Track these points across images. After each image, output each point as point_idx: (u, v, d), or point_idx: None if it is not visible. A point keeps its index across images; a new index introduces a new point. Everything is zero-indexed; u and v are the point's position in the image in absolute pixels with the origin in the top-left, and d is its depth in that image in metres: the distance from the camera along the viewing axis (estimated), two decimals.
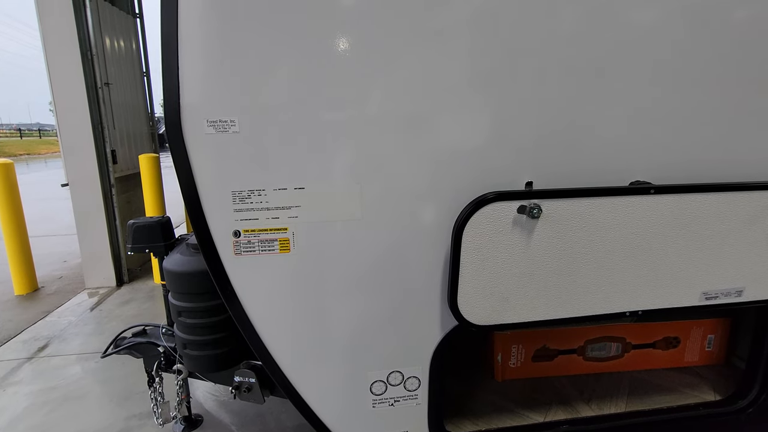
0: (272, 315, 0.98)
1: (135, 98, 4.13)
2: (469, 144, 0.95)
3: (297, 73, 0.87)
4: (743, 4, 0.98)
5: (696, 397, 1.42)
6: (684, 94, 1.01)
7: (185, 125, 0.84)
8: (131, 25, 4.14)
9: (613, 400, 1.39)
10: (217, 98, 0.85)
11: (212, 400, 2.27)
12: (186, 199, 0.87)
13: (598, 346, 1.52)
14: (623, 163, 1.02)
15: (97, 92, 3.37)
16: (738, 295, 1.13)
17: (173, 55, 0.80)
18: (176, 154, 0.85)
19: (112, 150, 3.53)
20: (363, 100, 0.90)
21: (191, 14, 0.80)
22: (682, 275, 1.07)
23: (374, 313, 1.03)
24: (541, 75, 0.94)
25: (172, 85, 0.81)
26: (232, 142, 0.87)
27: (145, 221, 1.66)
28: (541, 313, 1.04)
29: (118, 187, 3.62)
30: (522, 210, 0.94)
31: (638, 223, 1.00)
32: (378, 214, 0.95)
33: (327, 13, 0.85)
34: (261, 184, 0.90)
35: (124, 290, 3.63)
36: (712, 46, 0.99)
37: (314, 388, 1.06)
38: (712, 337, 1.56)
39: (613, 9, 0.94)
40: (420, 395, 1.11)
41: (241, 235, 0.92)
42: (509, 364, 1.49)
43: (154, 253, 1.66)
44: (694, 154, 1.05)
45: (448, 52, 0.90)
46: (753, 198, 1.04)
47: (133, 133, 4.05)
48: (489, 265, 0.97)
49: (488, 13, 0.90)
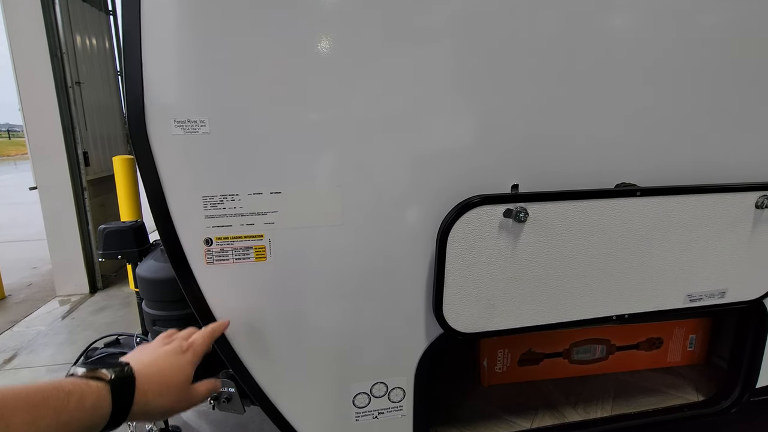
0: (248, 327, 0.93)
1: (108, 98, 3.99)
2: (453, 146, 0.92)
3: (273, 70, 0.82)
4: (728, 9, 0.98)
5: (680, 398, 1.42)
6: (670, 97, 1.00)
7: (150, 126, 0.78)
8: (104, 22, 4.00)
9: (600, 404, 1.38)
10: (186, 97, 0.79)
11: (191, 412, 2.19)
12: (152, 205, 0.81)
13: (583, 348, 1.51)
14: (609, 166, 1.01)
15: (67, 92, 3.24)
16: (721, 296, 1.13)
17: (136, 49, 0.74)
18: (141, 157, 0.79)
19: (84, 152, 3.40)
20: (344, 101, 0.86)
21: (156, 4, 0.74)
22: (667, 277, 1.07)
23: (357, 322, 0.99)
24: (526, 77, 0.92)
25: (136, 83, 0.76)
26: (203, 144, 0.81)
27: (117, 226, 1.59)
28: (528, 319, 1.01)
29: (91, 190, 3.49)
30: (508, 214, 0.91)
31: (625, 226, 0.99)
32: (360, 219, 0.91)
33: (308, 8, 0.81)
34: (234, 188, 0.85)
35: (98, 297, 3.50)
36: (698, 51, 0.99)
37: (294, 403, 1.01)
38: (694, 337, 1.57)
39: (601, 12, 0.92)
40: (405, 406, 1.08)
41: (213, 243, 0.87)
42: (495, 369, 1.47)
43: (127, 260, 1.59)
44: (680, 156, 1.04)
45: (432, 52, 0.87)
46: (736, 200, 1.04)
47: (106, 134, 3.91)
48: (475, 271, 0.94)
49: (473, 14, 0.87)
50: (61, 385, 0.51)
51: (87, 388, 0.53)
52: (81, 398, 0.51)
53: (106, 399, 0.55)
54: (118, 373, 0.58)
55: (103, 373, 0.57)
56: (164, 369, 0.66)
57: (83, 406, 0.51)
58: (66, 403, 0.49)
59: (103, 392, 0.55)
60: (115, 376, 0.58)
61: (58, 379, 0.52)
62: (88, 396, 0.52)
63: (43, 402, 0.47)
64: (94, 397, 0.53)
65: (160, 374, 0.65)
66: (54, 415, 0.48)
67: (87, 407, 0.52)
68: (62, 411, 0.49)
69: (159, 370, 0.65)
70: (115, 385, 0.57)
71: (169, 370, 0.66)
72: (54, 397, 0.49)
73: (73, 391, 0.51)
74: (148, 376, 0.63)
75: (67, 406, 0.49)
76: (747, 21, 0.99)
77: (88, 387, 0.53)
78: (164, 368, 0.66)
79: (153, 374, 0.64)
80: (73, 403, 0.50)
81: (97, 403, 0.54)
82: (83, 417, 0.51)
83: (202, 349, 0.76)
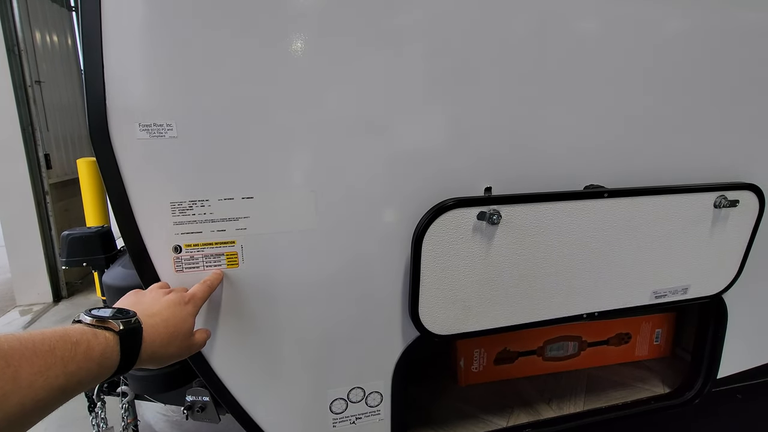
0: (220, 335, 0.91)
1: (72, 98, 3.82)
2: (427, 150, 0.93)
3: (243, 72, 0.80)
4: (689, 13, 1.02)
5: (648, 390, 1.47)
6: (636, 102, 1.03)
7: (113, 129, 0.74)
8: (66, 18, 3.83)
9: (572, 399, 1.42)
10: (151, 99, 0.76)
11: (163, 421, 2.13)
12: (116, 212, 0.78)
13: (556, 346, 1.55)
14: (578, 168, 1.04)
15: (26, 91, 3.08)
16: (684, 292, 1.18)
17: (96, 47, 0.71)
18: (103, 163, 0.75)
19: (45, 154, 3.24)
20: (317, 104, 0.85)
21: (117, 1, 0.71)
22: (634, 276, 1.10)
23: (332, 327, 0.98)
24: (498, 81, 0.93)
25: (97, 84, 0.72)
26: (169, 148, 0.78)
27: (82, 232, 1.52)
28: (502, 320, 1.03)
29: (54, 194, 3.34)
30: (482, 216, 0.92)
31: (593, 227, 1.02)
32: (334, 223, 0.90)
33: (279, 8, 0.79)
34: (204, 193, 0.82)
35: (62, 306, 3.34)
36: (663, 56, 1.02)
37: (269, 411, 0.99)
38: (660, 331, 1.63)
39: (571, 15, 0.94)
40: (382, 410, 1.07)
41: (183, 251, 0.84)
42: (472, 368, 1.48)
43: (93, 267, 1.53)
44: (645, 158, 1.08)
45: (405, 55, 0.87)
46: (696, 200, 1.08)
47: (70, 135, 3.74)
48: (450, 274, 0.95)
49: (446, 16, 0.87)
50: (68, 334, 0.50)
51: (94, 339, 0.53)
52: (88, 349, 0.51)
53: (114, 350, 0.55)
54: (126, 325, 0.58)
55: (111, 324, 0.57)
56: (169, 319, 0.67)
57: (91, 356, 0.51)
58: (73, 354, 0.49)
59: (111, 343, 0.55)
60: (124, 327, 0.58)
61: (64, 328, 0.52)
62: (96, 347, 0.52)
63: (50, 352, 0.47)
64: (102, 348, 0.53)
65: (166, 324, 0.66)
66: (62, 364, 0.48)
67: (95, 357, 0.52)
68: (70, 361, 0.48)
69: (164, 320, 0.66)
70: (124, 337, 0.57)
71: (173, 320, 0.68)
72: (61, 348, 0.48)
73: (80, 341, 0.51)
74: (155, 327, 0.64)
75: (74, 357, 0.49)
76: (702, 27, 1.04)
77: (95, 337, 0.53)
78: (169, 319, 0.67)
79: (159, 324, 0.65)
80: (81, 354, 0.50)
81: (105, 354, 0.54)
82: (91, 367, 0.51)
83: (201, 302, 0.78)
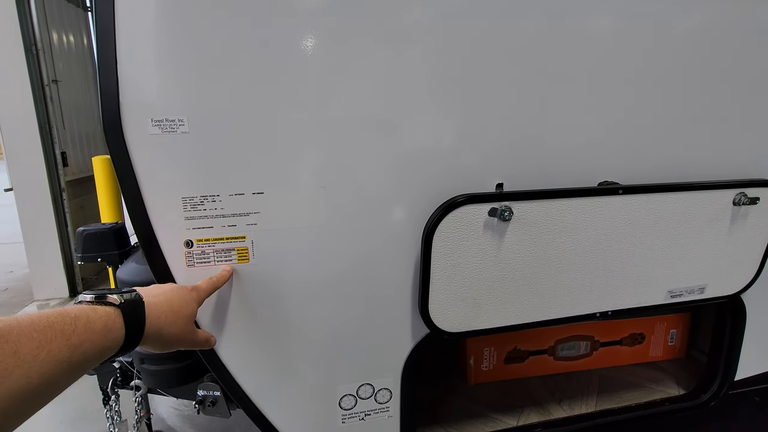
0: (231, 330, 0.91)
1: (88, 96, 3.88)
2: (437, 146, 0.92)
3: (254, 68, 0.80)
4: (709, 11, 1.00)
5: (661, 392, 1.45)
6: (651, 97, 1.01)
7: (126, 125, 0.75)
8: (82, 18, 3.89)
9: (584, 400, 1.40)
10: (163, 95, 0.77)
11: (175, 415, 2.15)
12: (129, 207, 0.79)
13: (567, 345, 1.53)
14: (592, 164, 1.02)
15: (43, 90, 3.14)
16: (701, 292, 1.15)
17: (110, 45, 0.72)
18: (117, 158, 0.76)
19: (62, 152, 3.30)
20: (327, 101, 0.85)
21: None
22: (649, 274, 1.08)
23: (342, 323, 0.98)
24: (510, 77, 0.92)
25: (110, 80, 0.73)
26: (181, 144, 0.79)
27: (96, 228, 1.55)
28: (513, 318, 1.02)
29: (70, 191, 3.39)
30: (493, 213, 0.91)
31: (607, 224, 1.00)
32: (343, 219, 0.90)
33: (290, 6, 0.79)
34: (215, 189, 0.83)
35: None
36: (679, 52, 1.00)
37: (279, 406, 0.99)
38: (675, 332, 1.60)
39: (583, 13, 0.93)
40: (392, 407, 1.07)
41: (194, 245, 0.85)
42: (482, 367, 1.47)
43: (108, 263, 1.56)
44: (661, 154, 1.06)
45: (417, 52, 0.87)
46: (714, 197, 1.06)
47: (86, 133, 3.80)
48: (460, 271, 0.94)
49: (456, 14, 0.86)
50: (66, 311, 0.51)
51: (93, 313, 0.54)
52: (88, 322, 0.52)
53: (117, 322, 0.56)
54: (126, 298, 0.60)
55: (112, 298, 0.58)
56: (173, 300, 0.69)
57: (92, 328, 0.52)
58: (74, 327, 0.50)
59: (113, 316, 0.56)
60: (124, 300, 0.59)
61: (62, 307, 0.53)
62: (96, 320, 0.53)
63: (49, 327, 0.48)
64: (103, 321, 0.54)
65: (170, 304, 0.68)
66: (62, 337, 0.48)
67: (97, 329, 0.53)
68: (71, 334, 0.49)
69: (168, 300, 0.68)
70: (126, 309, 0.58)
71: (177, 301, 0.69)
72: (60, 322, 0.49)
73: (80, 315, 0.52)
74: (159, 305, 0.65)
75: (75, 330, 0.50)
76: (721, 24, 1.01)
77: (94, 312, 0.54)
78: (173, 299, 0.69)
79: (163, 303, 0.66)
80: (81, 327, 0.51)
81: (108, 326, 0.55)
82: (95, 339, 0.52)
83: (205, 293, 0.79)
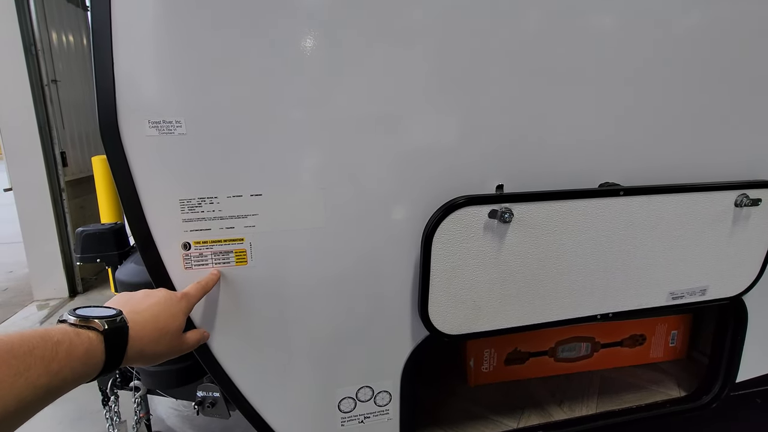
0: (229, 333, 0.91)
1: (87, 96, 3.88)
2: (437, 147, 0.91)
3: (253, 69, 0.79)
4: (710, 10, 0.99)
5: (662, 393, 1.44)
6: (652, 98, 1.00)
7: (123, 126, 0.75)
8: (82, 18, 3.88)
9: (585, 401, 1.40)
10: (160, 96, 0.76)
11: (175, 416, 2.15)
12: (126, 209, 0.78)
13: (568, 346, 1.52)
14: (593, 165, 1.01)
15: (43, 90, 3.13)
16: (702, 293, 1.15)
17: (107, 44, 0.71)
18: (113, 159, 0.75)
19: (61, 152, 3.30)
20: (326, 101, 0.84)
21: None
22: (651, 276, 1.08)
23: (341, 326, 0.97)
24: (510, 77, 0.91)
25: (107, 81, 0.72)
26: (179, 145, 0.78)
27: (96, 229, 1.55)
28: (514, 320, 1.01)
29: (70, 191, 3.39)
30: (493, 215, 0.90)
31: (608, 226, 0.99)
32: (343, 221, 0.90)
33: (289, 5, 0.78)
34: (213, 191, 0.82)
35: (77, 301, 3.40)
36: (679, 52, 0.99)
37: (278, 409, 0.99)
38: (676, 333, 1.60)
39: (585, 12, 0.92)
40: (391, 410, 1.06)
41: (192, 248, 0.84)
42: (482, 368, 1.47)
43: (107, 263, 1.55)
44: (662, 155, 1.05)
45: (416, 52, 0.86)
46: (716, 198, 1.05)
47: (86, 133, 3.80)
48: (460, 273, 0.93)
49: (456, 13, 0.85)
50: (49, 334, 0.50)
51: (77, 338, 0.52)
52: (71, 347, 0.51)
53: (99, 348, 0.55)
54: (110, 324, 0.58)
55: (95, 323, 0.56)
56: (159, 315, 0.67)
57: (74, 355, 0.51)
58: (54, 353, 0.49)
59: (95, 342, 0.55)
60: (108, 327, 0.57)
61: (45, 329, 0.51)
62: (78, 346, 0.52)
63: (29, 352, 0.46)
64: (85, 348, 0.53)
65: (156, 321, 0.66)
66: (42, 364, 0.47)
67: (78, 356, 0.52)
68: (51, 360, 0.48)
69: (154, 316, 0.66)
70: (108, 336, 0.56)
71: (164, 316, 0.67)
72: (41, 347, 0.48)
73: (62, 340, 0.50)
74: (143, 324, 0.63)
75: (56, 356, 0.49)
76: (723, 23, 1.00)
77: (77, 337, 0.53)
78: (159, 315, 0.67)
79: (148, 321, 0.65)
80: (63, 353, 0.49)
81: (89, 353, 0.53)
82: (75, 366, 0.51)
83: (195, 299, 0.77)
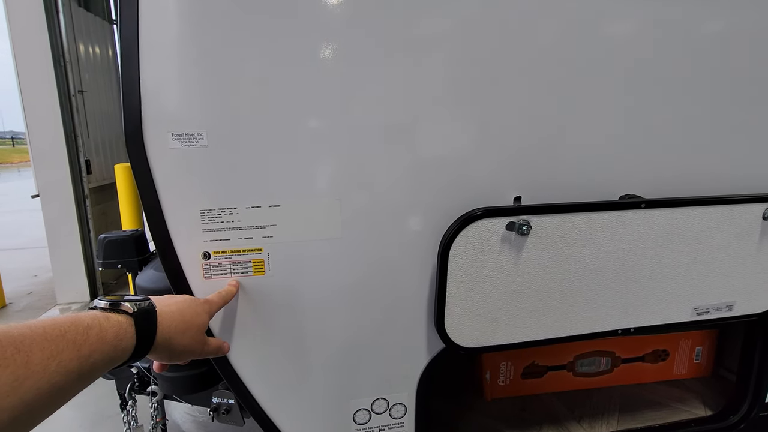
0: (245, 341, 0.92)
1: (111, 106, 4.01)
2: (454, 159, 0.91)
3: (271, 83, 0.81)
4: (730, 18, 0.97)
5: (687, 412, 1.39)
6: (675, 108, 0.98)
7: (147, 138, 0.77)
8: (107, 31, 4.03)
9: (605, 418, 1.36)
10: (183, 109, 0.78)
11: (190, 422, 2.17)
12: (149, 218, 0.80)
13: (587, 361, 1.49)
14: (613, 177, 0.99)
15: (70, 100, 3.25)
16: (729, 309, 1.11)
17: (134, 59, 0.74)
18: (138, 170, 0.77)
19: (86, 159, 3.40)
20: (343, 113, 0.85)
21: (154, 16, 0.74)
22: (673, 290, 1.05)
23: (357, 337, 0.97)
24: (528, 88, 0.91)
25: (133, 95, 0.75)
26: (200, 157, 0.80)
27: (117, 235, 1.59)
28: (531, 334, 0.99)
29: (93, 198, 3.49)
30: (511, 227, 0.89)
31: (630, 239, 0.97)
32: (359, 232, 0.90)
33: (307, 19, 0.80)
34: (232, 201, 0.83)
35: None
36: (704, 61, 0.97)
37: (292, 418, 0.99)
38: (700, 349, 1.54)
39: (601, 21, 0.91)
40: (406, 423, 1.05)
41: (211, 257, 0.85)
42: (498, 382, 1.44)
43: (127, 269, 1.59)
44: (685, 167, 1.03)
45: (432, 62, 0.86)
46: (743, 211, 1.02)
47: (109, 141, 3.92)
48: (477, 285, 0.92)
49: (472, 24, 0.86)
50: (80, 319, 0.51)
51: (106, 322, 0.53)
52: (101, 331, 0.52)
53: (129, 331, 0.56)
54: (140, 307, 0.59)
55: (125, 307, 0.57)
56: (185, 310, 0.68)
57: (104, 338, 0.52)
58: (86, 337, 0.49)
59: (125, 325, 0.56)
60: (138, 309, 0.58)
61: (76, 314, 0.52)
62: (109, 330, 0.53)
63: (61, 336, 0.47)
64: (115, 331, 0.54)
65: (182, 314, 0.67)
66: (74, 348, 0.48)
67: (108, 340, 0.52)
68: (82, 344, 0.49)
69: (180, 310, 0.67)
70: (138, 318, 0.57)
71: (189, 311, 0.69)
72: (72, 332, 0.49)
73: (92, 325, 0.51)
74: (170, 314, 0.65)
75: (87, 340, 0.49)
76: (750, 28, 0.98)
77: (107, 321, 0.54)
78: (185, 310, 0.68)
79: (175, 312, 0.66)
80: (94, 337, 0.50)
81: (119, 336, 0.54)
82: (105, 350, 0.52)
83: (216, 307, 0.79)
